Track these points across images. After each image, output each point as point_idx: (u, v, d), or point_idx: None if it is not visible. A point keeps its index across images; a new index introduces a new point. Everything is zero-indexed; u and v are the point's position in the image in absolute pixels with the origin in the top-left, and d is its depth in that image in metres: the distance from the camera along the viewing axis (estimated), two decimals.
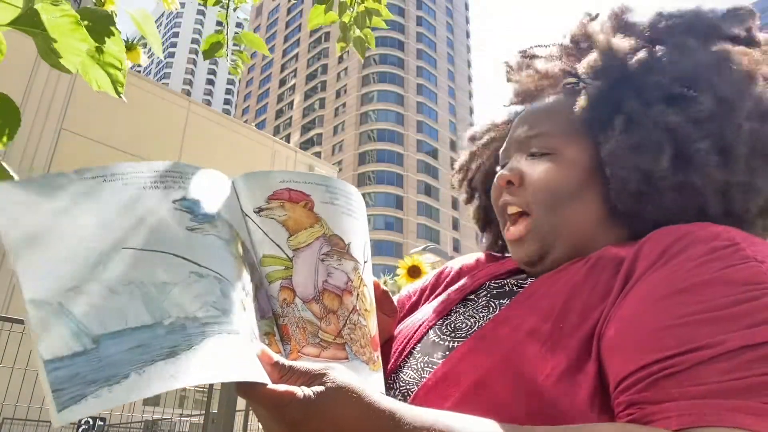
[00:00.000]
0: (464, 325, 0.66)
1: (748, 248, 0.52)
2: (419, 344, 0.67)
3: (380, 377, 0.54)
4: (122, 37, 1.07)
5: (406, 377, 0.64)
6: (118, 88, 0.82)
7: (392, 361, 0.68)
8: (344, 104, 56.78)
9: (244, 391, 0.42)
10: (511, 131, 0.74)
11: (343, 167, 50.76)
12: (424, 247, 5.89)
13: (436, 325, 0.69)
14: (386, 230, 48.42)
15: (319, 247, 0.54)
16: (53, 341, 0.38)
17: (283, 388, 0.42)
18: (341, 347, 0.52)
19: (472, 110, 63.86)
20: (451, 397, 0.54)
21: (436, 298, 0.79)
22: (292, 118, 63.39)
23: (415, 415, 0.44)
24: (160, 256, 0.44)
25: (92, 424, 5.50)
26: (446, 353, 0.62)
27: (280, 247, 0.53)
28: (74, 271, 0.41)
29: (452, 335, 0.65)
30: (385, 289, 0.66)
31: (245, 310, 0.47)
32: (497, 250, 0.85)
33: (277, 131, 62.52)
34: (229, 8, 1.70)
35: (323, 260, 0.53)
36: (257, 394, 0.42)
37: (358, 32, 1.83)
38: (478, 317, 0.66)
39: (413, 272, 2.83)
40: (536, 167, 0.68)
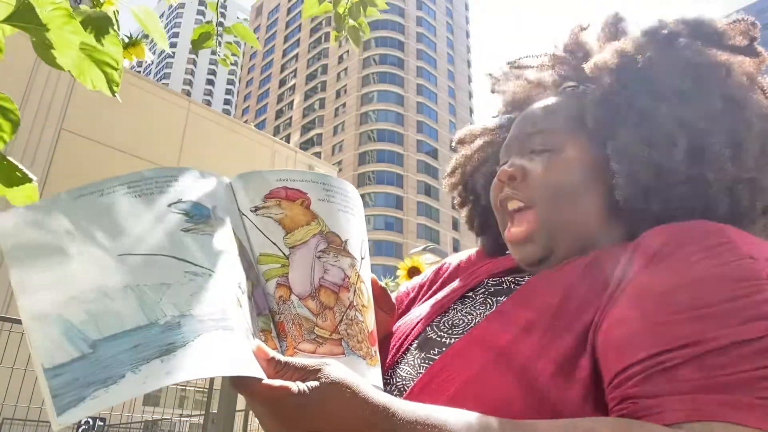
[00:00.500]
0: (461, 321, 0.66)
1: (743, 246, 0.52)
2: (416, 341, 0.68)
3: (378, 372, 0.55)
4: (126, 33, 1.07)
5: (402, 373, 0.64)
6: (113, 87, 0.82)
7: (389, 357, 0.68)
8: (344, 104, 56.78)
9: (239, 386, 0.43)
10: (512, 130, 0.75)
11: (343, 167, 50.76)
12: (424, 247, 5.89)
13: (433, 321, 0.69)
14: (386, 230, 48.42)
15: (315, 244, 0.54)
16: (52, 349, 0.39)
17: (278, 383, 0.42)
18: (338, 343, 0.52)
19: (472, 110, 63.86)
20: (446, 392, 0.55)
21: (434, 294, 0.79)
22: (292, 118, 63.39)
23: (408, 409, 0.44)
24: (154, 259, 0.44)
25: (92, 424, 5.50)
26: (443, 349, 0.62)
27: (276, 245, 0.53)
28: (70, 282, 0.42)
29: (449, 332, 0.65)
30: (383, 286, 0.66)
31: (241, 307, 0.47)
32: (495, 253, 0.84)
33: (277, 131, 62.52)
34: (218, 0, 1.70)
35: (320, 257, 0.54)
36: (252, 389, 0.42)
37: (352, 22, 1.82)
38: (475, 314, 0.66)
39: (413, 274, 2.83)
40: (539, 163, 0.68)
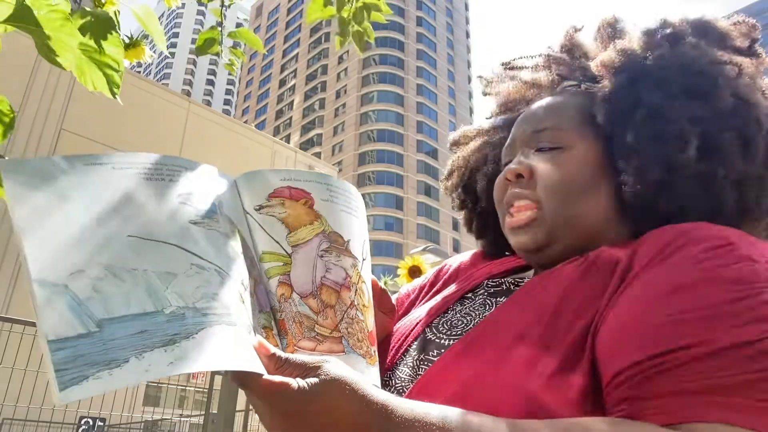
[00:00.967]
0: (460, 323, 0.66)
1: (743, 248, 0.52)
2: (415, 342, 0.67)
3: (376, 371, 0.55)
4: (126, 33, 1.06)
5: (401, 374, 0.64)
6: (113, 89, 0.81)
7: (389, 358, 0.68)
8: (344, 105, 56.79)
9: (240, 381, 0.43)
10: (514, 129, 0.74)
11: (343, 167, 50.77)
12: (424, 247, 5.89)
13: (432, 323, 0.69)
14: (386, 230, 48.42)
15: (318, 243, 0.54)
16: (57, 322, 0.39)
17: (278, 379, 0.43)
18: (338, 341, 0.52)
19: (472, 110, 63.87)
20: (444, 394, 0.54)
21: (434, 296, 0.79)
22: (292, 118, 63.40)
23: (407, 407, 0.45)
24: (163, 246, 0.45)
25: (92, 424, 5.50)
26: (441, 351, 0.62)
27: (279, 243, 0.54)
28: (79, 254, 0.42)
29: (448, 333, 0.65)
30: (383, 287, 0.67)
31: (243, 303, 0.48)
32: (495, 255, 0.84)
33: (277, 131, 62.53)
34: (223, 5, 1.70)
35: (322, 256, 0.54)
36: (253, 384, 0.43)
37: (356, 27, 1.82)
38: (474, 315, 0.66)
39: (414, 272, 2.83)
40: (546, 161, 0.67)
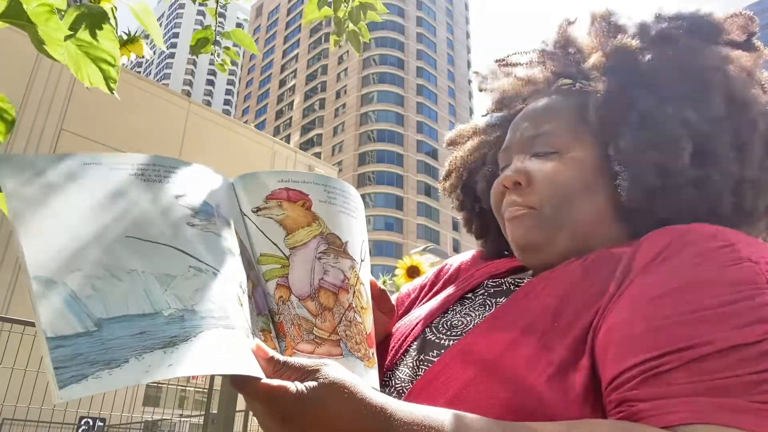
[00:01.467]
0: (460, 323, 0.66)
1: (743, 249, 0.52)
2: (415, 342, 0.67)
3: (375, 374, 0.55)
4: (124, 30, 1.06)
5: (401, 375, 0.64)
6: (110, 84, 0.81)
7: (389, 358, 0.68)
8: (344, 105, 56.76)
9: (238, 384, 0.43)
10: (510, 132, 0.73)
11: (342, 168, 50.74)
12: (423, 247, 5.90)
13: (432, 323, 0.69)
14: (386, 231, 48.40)
15: (316, 245, 0.54)
16: (55, 319, 0.39)
17: (276, 382, 0.42)
18: (336, 344, 0.52)
19: (472, 111, 63.81)
20: (444, 395, 0.54)
21: (434, 296, 0.79)
22: (292, 118, 63.37)
23: (406, 410, 0.44)
24: (161, 248, 0.45)
25: (92, 424, 5.49)
26: (441, 351, 0.62)
27: (277, 245, 0.54)
28: (78, 252, 0.42)
29: (448, 333, 0.65)
30: (382, 288, 0.66)
31: (242, 306, 0.47)
32: (495, 256, 0.83)
33: (277, 132, 62.50)
34: (218, 4, 1.71)
35: (320, 258, 0.54)
36: (251, 388, 0.43)
37: (352, 26, 1.82)
38: (474, 315, 0.66)
39: (412, 272, 2.82)
40: (543, 167, 0.67)
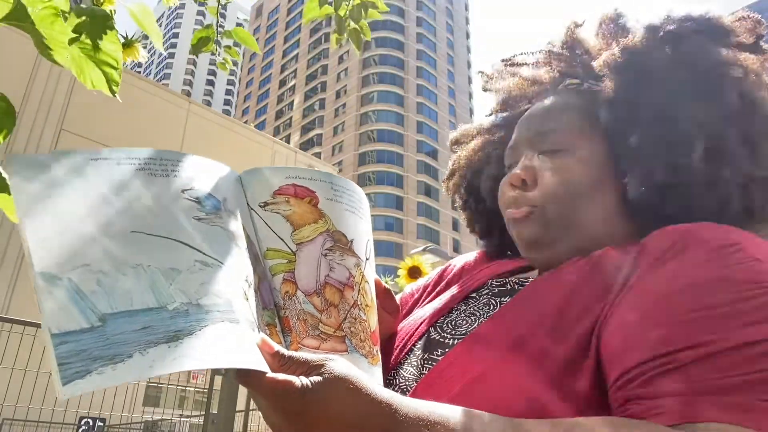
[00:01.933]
0: (464, 322, 0.66)
1: (749, 248, 0.52)
2: (420, 341, 0.67)
3: (379, 371, 0.55)
4: (122, 33, 1.06)
5: (405, 374, 0.64)
6: (112, 86, 0.81)
7: (393, 357, 0.68)
8: (344, 105, 56.82)
9: (243, 378, 0.43)
10: (517, 131, 0.73)
11: (343, 168, 50.78)
12: (424, 247, 5.90)
13: (437, 322, 0.69)
14: (386, 231, 48.43)
15: (322, 242, 0.54)
16: (60, 315, 0.39)
17: (281, 377, 0.42)
18: (341, 340, 0.52)
19: (472, 111, 63.90)
20: (448, 394, 0.54)
21: (438, 295, 0.79)
22: (292, 118, 63.43)
23: (411, 406, 0.44)
24: (167, 242, 0.45)
25: (92, 424, 5.49)
26: (445, 350, 0.62)
27: (283, 240, 0.54)
28: (83, 248, 0.42)
29: (452, 333, 0.65)
30: (387, 287, 0.66)
31: (247, 300, 0.47)
32: (498, 256, 0.82)
33: (277, 132, 62.56)
34: (219, 4, 1.71)
35: (326, 255, 0.54)
36: (256, 382, 0.42)
37: (353, 24, 1.82)
38: (478, 315, 0.66)
39: (414, 273, 2.82)
40: (550, 164, 0.67)
